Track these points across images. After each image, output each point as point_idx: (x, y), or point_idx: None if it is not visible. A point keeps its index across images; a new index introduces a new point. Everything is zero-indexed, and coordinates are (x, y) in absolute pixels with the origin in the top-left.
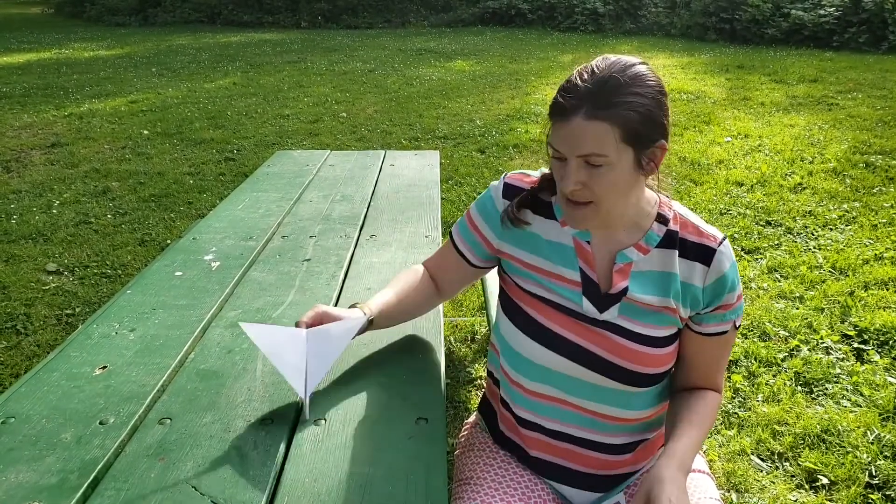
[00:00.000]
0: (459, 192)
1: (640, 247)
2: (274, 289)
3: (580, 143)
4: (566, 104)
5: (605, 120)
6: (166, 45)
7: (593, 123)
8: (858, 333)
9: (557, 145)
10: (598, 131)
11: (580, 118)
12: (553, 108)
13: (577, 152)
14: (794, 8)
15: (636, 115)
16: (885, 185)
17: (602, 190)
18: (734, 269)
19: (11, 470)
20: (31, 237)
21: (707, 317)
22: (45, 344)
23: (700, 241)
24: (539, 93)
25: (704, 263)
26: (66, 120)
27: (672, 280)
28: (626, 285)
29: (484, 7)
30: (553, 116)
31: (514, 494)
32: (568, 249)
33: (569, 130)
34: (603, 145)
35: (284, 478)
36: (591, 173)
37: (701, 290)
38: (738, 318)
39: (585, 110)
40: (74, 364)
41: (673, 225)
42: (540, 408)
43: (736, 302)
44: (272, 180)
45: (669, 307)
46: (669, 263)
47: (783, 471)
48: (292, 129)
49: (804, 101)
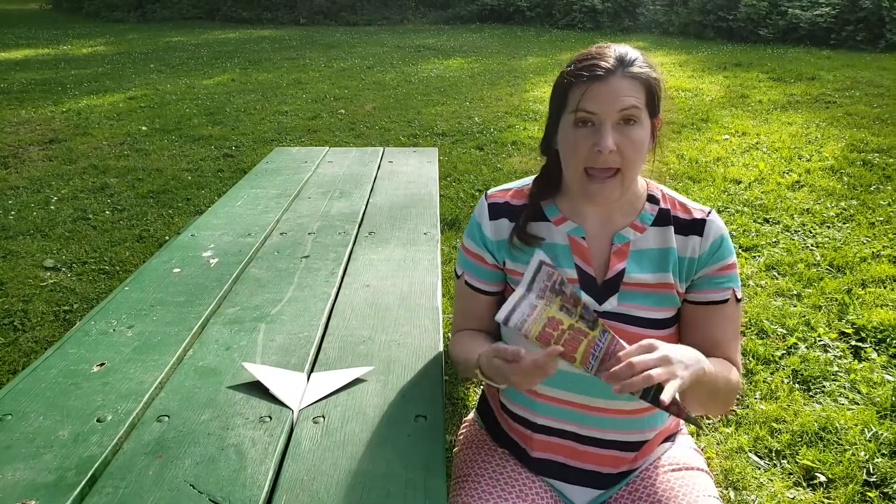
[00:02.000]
0: (458, 189)
1: (636, 226)
2: (272, 285)
3: (621, 98)
4: (606, 64)
5: (636, 79)
6: (165, 41)
7: (629, 80)
8: (856, 331)
9: (593, 107)
10: (634, 87)
11: (619, 76)
12: (587, 72)
13: (619, 106)
14: (792, 6)
15: (653, 83)
16: (883, 183)
17: (631, 151)
18: (727, 236)
19: (8, 467)
20: (28, 233)
21: (703, 282)
22: (42, 340)
23: (690, 217)
24: (537, 90)
25: (698, 234)
26: (63, 116)
27: (669, 254)
28: (622, 267)
29: (482, 4)
30: (587, 80)
31: (511, 491)
32: (562, 248)
33: (608, 88)
34: (638, 100)
35: (283, 476)
36: (624, 133)
37: (697, 259)
38: (736, 287)
39: (622, 70)
40: (72, 361)
41: (664, 204)
42: (541, 407)
43: (730, 268)
44: (271, 177)
45: (667, 283)
46: (666, 239)
47: (781, 468)
48: (291, 126)
49: (802, 99)
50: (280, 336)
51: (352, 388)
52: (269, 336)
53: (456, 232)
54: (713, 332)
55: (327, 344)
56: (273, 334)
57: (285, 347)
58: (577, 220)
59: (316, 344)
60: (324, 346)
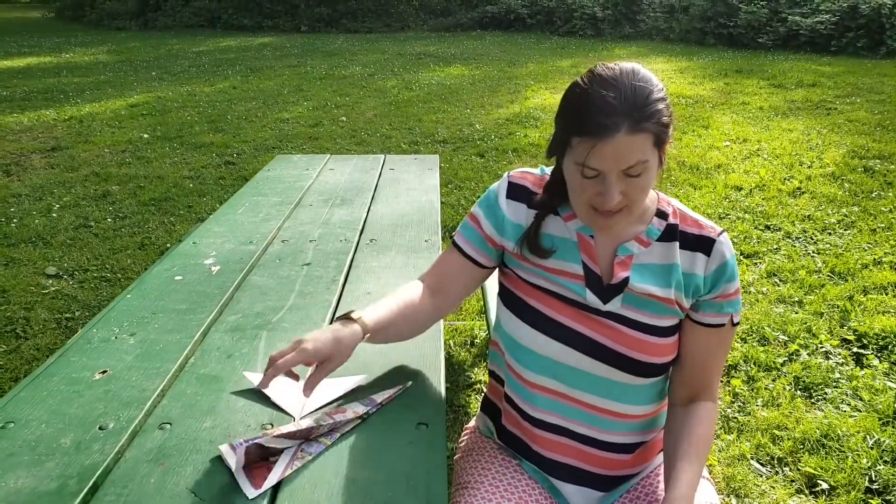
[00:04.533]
0: (459, 197)
1: (641, 240)
2: (274, 293)
3: (627, 157)
4: (610, 124)
5: (644, 131)
6: (166, 48)
7: (637, 136)
8: (858, 338)
9: (598, 164)
10: (640, 142)
11: (623, 134)
12: (591, 130)
13: (623, 166)
14: (792, 13)
15: (665, 121)
16: (884, 190)
17: (637, 194)
18: (733, 260)
19: (10, 475)
20: (30, 241)
21: (705, 304)
22: (44, 348)
23: (700, 232)
24: (538, 97)
25: (705, 253)
26: (66, 123)
27: (674, 271)
28: (626, 275)
29: (483, 12)
30: (592, 138)
31: (511, 498)
32: (570, 244)
33: (614, 147)
34: (644, 153)
35: (284, 483)
36: (630, 182)
37: (702, 278)
38: (735, 313)
39: (628, 125)
40: (74, 368)
41: (672, 219)
42: (543, 402)
43: (734, 294)
44: (272, 184)
45: (671, 298)
46: (671, 255)
47: (783, 476)
48: (292, 134)
49: (802, 106)
50: (281, 344)
51: (353, 396)
52: (271, 344)
53: None
54: (701, 353)
55: None
56: (274, 342)
57: None
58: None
59: None
60: None
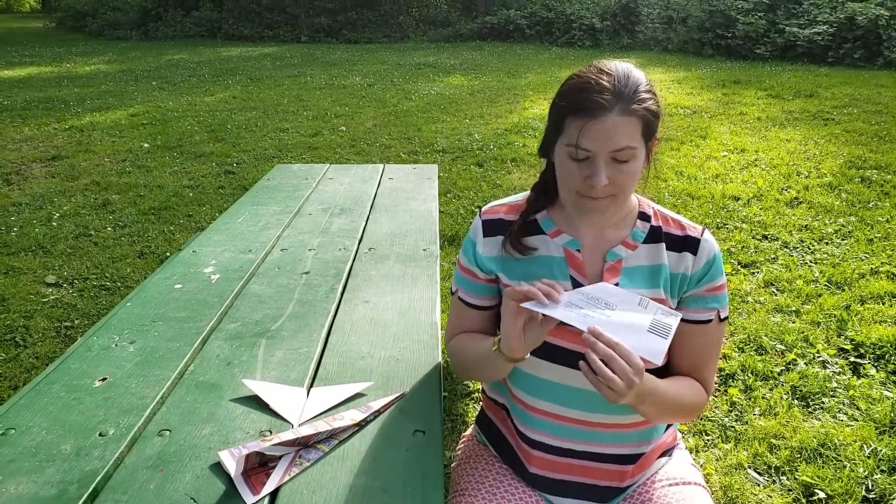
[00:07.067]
0: (458, 206)
1: (628, 244)
2: (273, 301)
3: (616, 139)
4: (604, 102)
5: (633, 115)
6: (167, 58)
7: (627, 119)
8: (855, 347)
9: (588, 144)
10: (630, 126)
11: (615, 115)
12: (583, 109)
13: (612, 147)
14: (790, 24)
15: (652, 111)
16: (881, 200)
17: (625, 182)
18: (719, 255)
19: (11, 481)
20: (30, 249)
21: (690, 300)
22: (43, 356)
23: (684, 233)
24: (537, 107)
25: (692, 252)
26: (66, 133)
27: (661, 271)
28: (616, 282)
29: (482, 22)
30: (582, 117)
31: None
32: (558, 261)
33: (603, 127)
34: (633, 138)
35: (282, 490)
36: (618, 167)
37: (689, 276)
38: (721, 308)
39: (620, 107)
40: (74, 376)
41: (655, 221)
42: (539, 424)
43: (719, 288)
44: (272, 193)
45: (659, 298)
46: (658, 256)
47: (780, 485)
48: (292, 143)
49: (800, 116)
50: (280, 351)
51: (351, 404)
52: (270, 351)
53: (455, 248)
54: (691, 349)
55: (327, 359)
56: (273, 350)
57: (285, 363)
58: (572, 232)
59: (316, 359)
60: (323, 361)
